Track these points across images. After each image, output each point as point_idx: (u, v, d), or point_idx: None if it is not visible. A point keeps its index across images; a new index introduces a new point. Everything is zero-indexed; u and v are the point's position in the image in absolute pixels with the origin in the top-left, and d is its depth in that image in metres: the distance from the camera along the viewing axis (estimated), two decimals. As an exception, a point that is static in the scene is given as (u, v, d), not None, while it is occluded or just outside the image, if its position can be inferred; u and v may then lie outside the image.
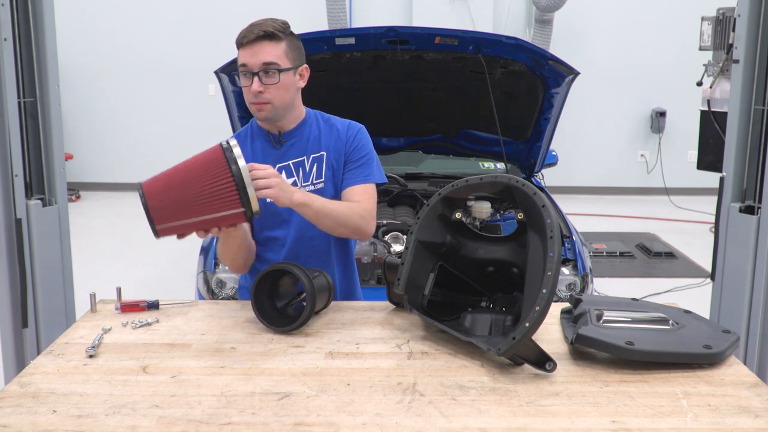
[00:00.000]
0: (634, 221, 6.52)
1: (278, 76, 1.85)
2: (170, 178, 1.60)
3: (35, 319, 2.29)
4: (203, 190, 1.57)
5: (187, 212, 1.58)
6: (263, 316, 1.70)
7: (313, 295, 1.67)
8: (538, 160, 3.64)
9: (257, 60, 1.83)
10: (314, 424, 1.27)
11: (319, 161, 1.97)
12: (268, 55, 1.83)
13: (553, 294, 1.42)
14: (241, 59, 1.85)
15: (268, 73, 1.84)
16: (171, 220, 1.58)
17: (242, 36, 1.84)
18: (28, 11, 2.21)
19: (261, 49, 1.83)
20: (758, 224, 2.26)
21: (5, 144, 2.15)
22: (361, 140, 2.01)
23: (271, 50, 1.83)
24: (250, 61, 1.83)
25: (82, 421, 1.27)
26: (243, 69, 1.85)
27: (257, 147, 1.99)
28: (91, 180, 7.51)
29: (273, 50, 1.84)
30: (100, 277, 4.63)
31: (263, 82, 1.84)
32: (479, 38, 3.04)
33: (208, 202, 1.57)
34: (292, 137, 1.97)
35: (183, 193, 1.57)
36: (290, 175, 1.96)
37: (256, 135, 2.00)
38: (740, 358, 2.28)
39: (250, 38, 1.82)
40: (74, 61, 7.16)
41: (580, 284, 2.80)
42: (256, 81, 1.84)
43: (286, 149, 1.97)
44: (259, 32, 1.81)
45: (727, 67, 2.61)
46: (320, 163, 1.96)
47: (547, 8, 6.66)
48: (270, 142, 1.98)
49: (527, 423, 1.28)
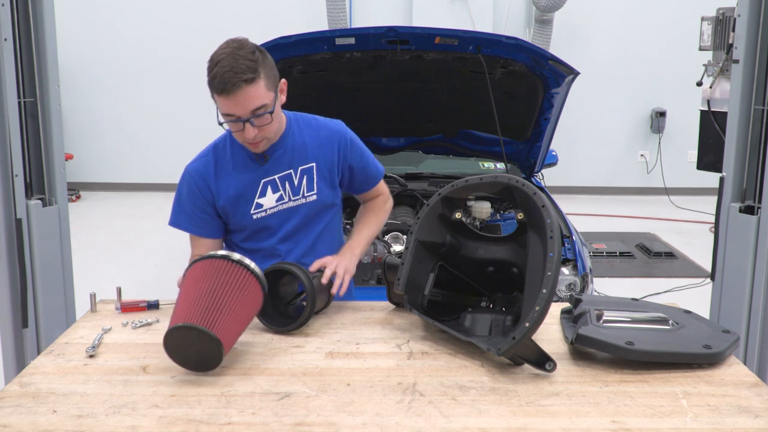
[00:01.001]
0: (634, 221, 6.51)
1: (269, 116, 1.75)
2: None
3: (35, 319, 2.28)
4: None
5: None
6: (263, 315, 1.70)
7: (313, 295, 1.67)
8: (538, 160, 3.64)
9: (245, 109, 1.71)
10: (314, 424, 1.27)
11: (308, 173, 1.93)
12: (254, 100, 1.70)
13: (553, 294, 1.42)
14: (224, 108, 1.72)
15: (259, 117, 1.73)
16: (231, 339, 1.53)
17: (221, 86, 1.67)
18: (28, 11, 2.21)
19: (245, 96, 1.68)
20: (758, 224, 2.25)
21: (5, 144, 2.15)
22: (355, 147, 2.00)
23: (255, 93, 1.69)
24: (237, 111, 1.71)
25: (82, 421, 1.27)
26: (229, 118, 1.73)
27: (238, 161, 1.90)
28: (91, 180, 7.51)
29: (257, 92, 1.69)
30: (100, 277, 4.63)
31: (255, 125, 1.74)
32: (479, 38, 3.04)
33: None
34: (276, 150, 1.90)
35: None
36: (276, 189, 1.91)
37: (236, 147, 1.90)
38: (740, 358, 2.28)
39: (232, 89, 1.66)
40: (74, 61, 7.16)
41: (580, 284, 2.80)
42: (248, 128, 1.73)
43: (272, 164, 1.90)
44: (239, 81, 1.66)
45: (727, 67, 2.61)
46: (310, 176, 1.93)
47: (547, 8, 6.66)
48: (252, 158, 1.89)
49: (527, 423, 1.28)
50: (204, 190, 1.90)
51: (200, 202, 1.90)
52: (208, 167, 1.91)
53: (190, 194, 1.90)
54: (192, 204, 1.90)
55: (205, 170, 1.90)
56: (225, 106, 1.72)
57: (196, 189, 1.90)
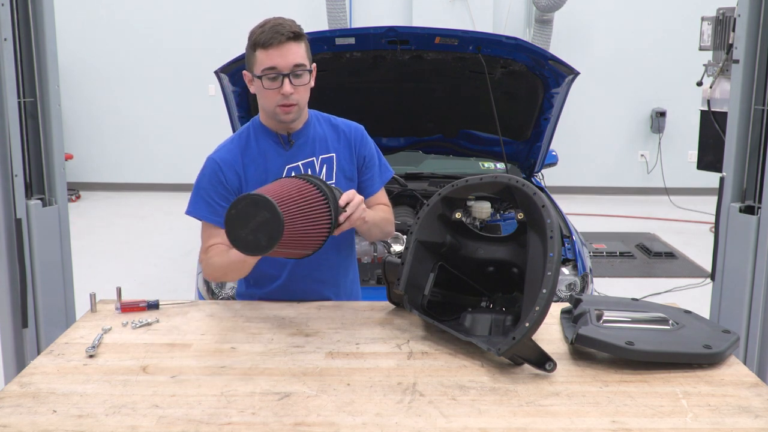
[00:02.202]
0: (634, 221, 6.52)
1: (307, 76, 1.84)
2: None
3: (35, 319, 2.29)
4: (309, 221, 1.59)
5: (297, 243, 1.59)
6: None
7: (335, 200, 1.68)
8: (538, 160, 3.63)
9: (288, 62, 1.79)
10: (314, 424, 1.27)
11: (329, 162, 1.96)
12: (297, 56, 1.80)
13: (553, 294, 1.42)
14: (268, 61, 1.79)
15: (297, 75, 1.82)
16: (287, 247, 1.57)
17: (268, 37, 1.78)
18: (28, 11, 2.21)
19: (290, 50, 1.79)
20: (758, 224, 2.26)
21: (5, 144, 2.15)
22: (368, 142, 2.04)
23: (298, 51, 1.81)
24: (281, 62, 1.79)
25: (82, 421, 1.27)
26: (270, 72, 1.80)
27: (263, 147, 1.94)
28: (91, 180, 7.51)
29: (300, 51, 1.81)
30: (100, 277, 4.63)
31: (293, 83, 1.81)
32: (479, 38, 3.04)
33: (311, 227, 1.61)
34: (300, 137, 1.95)
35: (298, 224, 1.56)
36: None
37: (260, 134, 1.96)
38: (740, 358, 2.28)
39: (280, 40, 1.77)
40: (74, 61, 7.16)
41: (580, 284, 2.80)
42: (287, 83, 1.80)
43: (295, 150, 1.94)
44: (288, 33, 1.78)
45: (727, 67, 2.61)
46: (330, 165, 1.96)
47: (547, 8, 6.66)
48: (278, 143, 1.94)
49: (527, 423, 1.28)
50: (231, 178, 1.90)
51: (223, 190, 1.89)
52: (235, 155, 1.92)
53: (213, 183, 1.90)
54: (214, 192, 1.89)
55: (232, 159, 1.91)
56: (268, 58, 1.79)
57: (221, 178, 1.89)
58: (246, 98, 3.17)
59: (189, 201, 1.92)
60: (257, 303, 1.93)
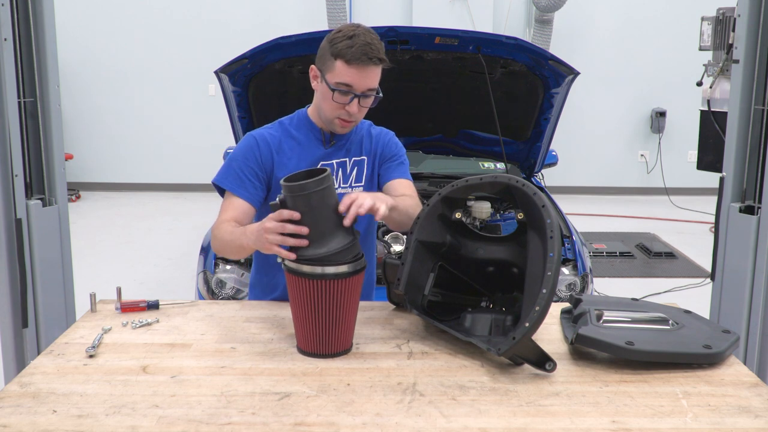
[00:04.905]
0: (634, 221, 6.52)
1: (374, 98, 1.84)
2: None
3: (35, 319, 2.28)
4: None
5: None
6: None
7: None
8: (538, 160, 3.64)
9: (365, 84, 1.78)
10: (314, 424, 1.27)
11: (360, 165, 1.98)
12: (374, 80, 1.80)
13: (553, 294, 1.43)
14: (347, 78, 1.77)
15: (367, 96, 1.81)
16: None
17: (356, 55, 1.74)
18: (28, 11, 2.21)
19: (372, 74, 1.78)
20: (758, 224, 2.25)
21: (5, 144, 2.15)
22: (397, 143, 2.06)
23: (377, 75, 1.80)
24: (358, 83, 1.78)
25: (82, 421, 1.27)
26: (345, 88, 1.78)
27: (303, 138, 1.94)
28: (91, 180, 7.51)
29: (378, 75, 1.80)
30: (100, 277, 4.63)
31: (360, 104, 1.82)
32: (479, 38, 3.04)
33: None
34: (341, 139, 1.96)
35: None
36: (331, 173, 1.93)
37: (303, 125, 1.96)
38: (740, 358, 2.28)
39: (367, 63, 1.75)
40: (74, 61, 7.16)
41: (580, 284, 2.80)
42: (355, 103, 1.80)
43: (334, 149, 1.96)
44: (375, 58, 1.75)
45: (727, 67, 2.61)
46: (361, 167, 1.98)
47: (547, 8, 6.66)
48: (319, 139, 1.95)
49: (527, 423, 1.28)
50: (266, 156, 1.90)
51: (255, 166, 1.89)
52: (274, 138, 1.93)
53: (248, 157, 1.90)
54: (246, 165, 1.89)
55: (271, 139, 1.92)
56: (349, 75, 1.76)
57: (257, 153, 1.90)
58: (246, 98, 3.17)
59: (219, 170, 1.92)
60: (257, 303, 1.94)
